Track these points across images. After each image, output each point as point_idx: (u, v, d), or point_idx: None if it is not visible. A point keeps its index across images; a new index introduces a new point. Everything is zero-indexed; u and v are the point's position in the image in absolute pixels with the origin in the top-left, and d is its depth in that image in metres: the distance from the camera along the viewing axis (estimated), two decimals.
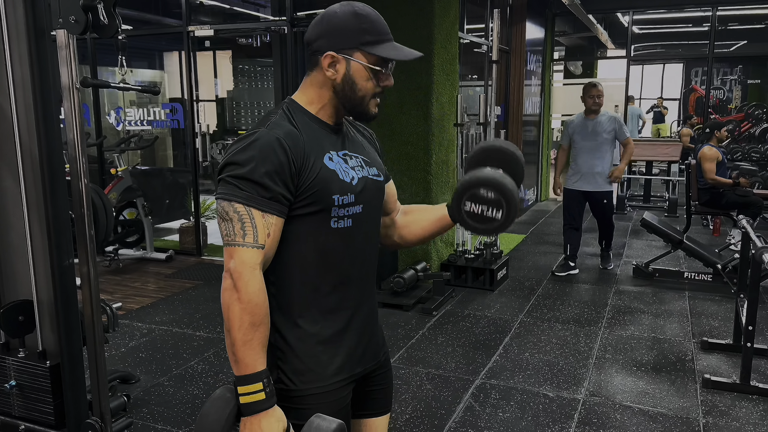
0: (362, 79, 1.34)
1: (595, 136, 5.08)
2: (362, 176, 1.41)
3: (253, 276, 1.25)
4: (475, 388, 3.22)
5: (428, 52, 4.64)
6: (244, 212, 1.25)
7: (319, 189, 1.31)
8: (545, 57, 8.89)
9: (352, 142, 1.47)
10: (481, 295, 4.76)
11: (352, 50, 1.33)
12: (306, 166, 1.30)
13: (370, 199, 1.43)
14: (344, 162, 1.39)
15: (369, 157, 1.49)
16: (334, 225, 1.35)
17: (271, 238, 1.28)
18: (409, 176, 4.83)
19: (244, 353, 1.25)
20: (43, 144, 2.47)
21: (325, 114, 1.40)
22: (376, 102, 1.40)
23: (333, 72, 1.35)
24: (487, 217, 1.41)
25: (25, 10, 2.38)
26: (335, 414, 1.42)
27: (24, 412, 2.74)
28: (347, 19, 1.34)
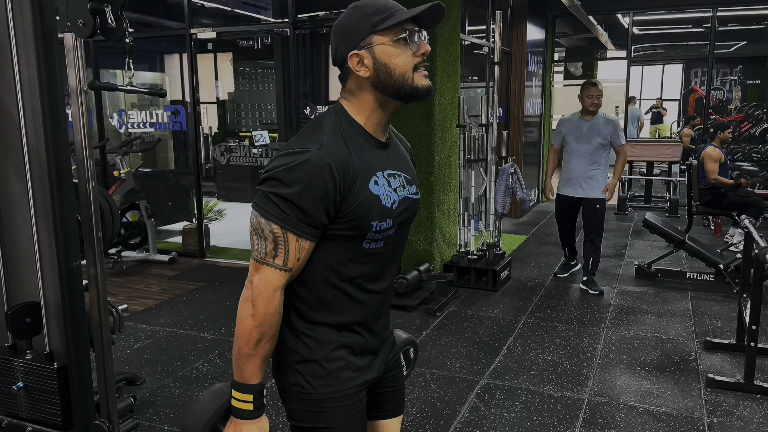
0: (392, 57, 1.28)
1: (590, 138, 4.69)
2: (403, 197, 1.39)
3: (273, 297, 1.26)
4: (480, 388, 3.23)
5: (431, 54, 4.64)
6: (279, 233, 1.23)
7: (360, 215, 1.28)
8: (546, 58, 8.91)
9: (397, 159, 1.43)
10: (484, 295, 4.77)
11: (369, 38, 1.29)
12: (351, 193, 1.26)
13: (405, 219, 1.41)
14: (388, 184, 1.35)
15: (410, 173, 1.46)
16: (366, 246, 1.33)
17: (300, 262, 1.28)
18: None
19: (244, 365, 1.29)
20: (51, 146, 2.48)
21: (373, 125, 1.35)
22: (423, 74, 1.32)
23: (364, 68, 1.30)
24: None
25: (33, 14, 2.39)
26: (352, 418, 1.42)
27: (31, 414, 2.75)
28: (351, 17, 1.31)
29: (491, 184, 4.92)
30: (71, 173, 2.50)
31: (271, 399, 2.77)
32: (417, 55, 1.31)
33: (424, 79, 1.32)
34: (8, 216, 2.69)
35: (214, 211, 6.38)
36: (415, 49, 1.31)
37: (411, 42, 1.30)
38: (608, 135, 4.68)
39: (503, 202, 4.89)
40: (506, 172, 4.86)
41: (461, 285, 4.94)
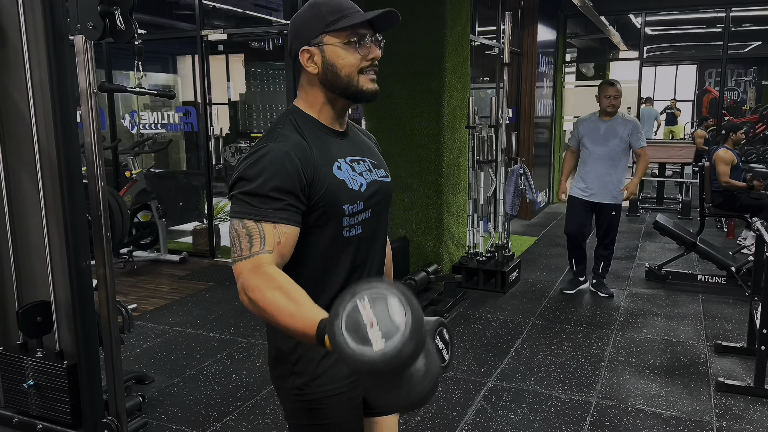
0: (339, 58, 1.32)
1: (608, 140, 4.46)
2: (371, 180, 1.42)
3: (259, 276, 1.19)
4: (486, 390, 3.23)
5: (440, 55, 4.65)
6: (253, 227, 1.23)
7: (330, 201, 1.31)
8: (557, 59, 8.87)
9: (358, 146, 1.47)
10: (493, 297, 4.76)
11: (321, 36, 1.32)
12: (316, 179, 1.30)
13: (378, 202, 1.44)
14: (352, 169, 1.39)
15: (376, 159, 1.50)
16: (346, 234, 1.36)
17: (282, 245, 1.25)
18: (420, 178, 4.84)
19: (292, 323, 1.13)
20: (61, 147, 2.51)
21: (327, 117, 1.39)
22: (369, 78, 1.35)
23: (313, 65, 1.34)
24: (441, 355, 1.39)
25: (44, 16, 2.42)
26: (349, 414, 1.44)
27: (41, 412, 2.78)
28: (307, 13, 1.35)
29: (500, 186, 4.91)
30: (81, 174, 2.53)
31: (273, 398, 2.78)
32: (366, 59, 1.35)
33: (369, 83, 1.36)
34: (20, 216, 2.73)
35: (224, 212, 6.41)
36: (365, 53, 1.34)
37: (361, 46, 1.33)
38: (627, 137, 4.46)
39: (512, 204, 4.88)
40: (515, 174, 4.85)
41: (470, 287, 4.94)
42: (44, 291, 2.71)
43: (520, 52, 7.65)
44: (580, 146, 4.65)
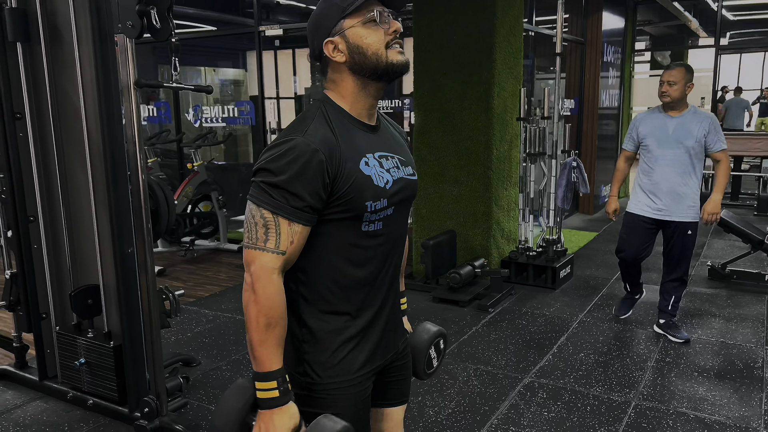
0: (363, 38, 1.32)
1: (680, 141, 3.49)
2: (398, 177, 1.41)
3: (270, 280, 1.27)
4: (522, 386, 3.18)
5: (489, 45, 4.59)
6: (270, 219, 1.26)
7: (354, 196, 1.31)
8: (625, 47, 8.53)
9: (388, 141, 1.46)
10: (542, 293, 4.67)
11: (340, 24, 1.33)
12: (341, 174, 1.29)
13: (402, 200, 1.43)
14: (380, 165, 1.38)
15: (404, 155, 1.49)
16: (365, 228, 1.36)
17: (294, 245, 1.29)
18: (468, 171, 4.80)
19: (260, 352, 1.28)
20: (107, 140, 2.66)
21: (358, 109, 1.38)
22: (397, 51, 1.35)
23: (340, 54, 1.33)
24: (431, 364, 1.69)
25: (91, 17, 2.56)
26: (356, 405, 1.44)
27: (92, 388, 2.98)
28: (320, 7, 1.36)
29: (552, 179, 4.80)
30: (125, 165, 2.67)
31: None
32: (388, 33, 1.34)
33: (398, 55, 1.35)
34: (75, 204, 2.92)
35: None
36: (386, 27, 1.34)
37: (380, 21, 1.33)
38: (702, 136, 3.49)
39: (564, 197, 4.76)
40: (568, 167, 4.73)
41: (519, 282, 4.86)
42: (94, 275, 2.89)
43: (583, 41, 7.41)
44: (641, 150, 3.68)
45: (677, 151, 3.51)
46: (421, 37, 4.84)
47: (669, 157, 3.54)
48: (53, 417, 2.94)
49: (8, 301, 3.14)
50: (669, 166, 3.54)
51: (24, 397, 3.13)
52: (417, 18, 4.85)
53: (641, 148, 3.68)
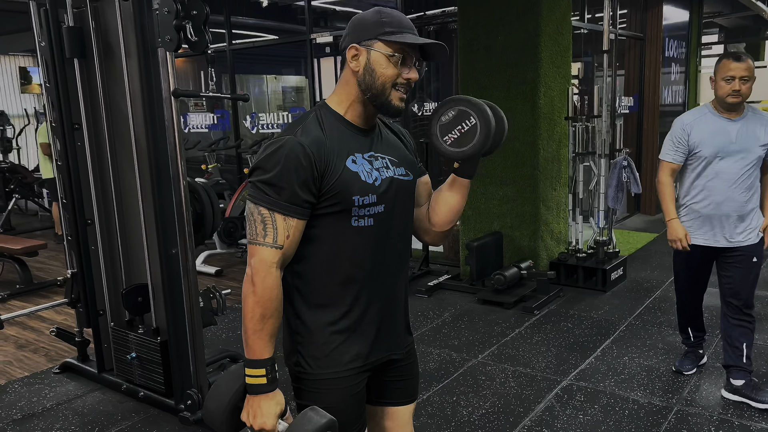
0: (381, 66, 1.38)
1: (746, 149, 2.82)
2: (388, 177, 1.46)
3: (269, 273, 1.35)
4: (560, 388, 3.15)
5: (534, 45, 4.55)
6: (267, 215, 1.35)
7: (341, 190, 1.38)
8: (690, 41, 8.19)
9: (382, 143, 1.51)
10: (591, 295, 4.57)
11: (372, 40, 1.39)
12: (328, 170, 1.37)
13: (394, 199, 1.48)
14: (369, 163, 1.44)
15: (398, 156, 1.53)
16: (354, 224, 1.42)
17: (291, 239, 1.37)
18: (515, 172, 4.76)
19: (253, 341, 1.37)
20: (152, 147, 2.83)
21: (353, 114, 1.45)
22: (400, 95, 1.42)
23: (356, 63, 1.40)
24: (465, 133, 1.45)
25: (136, 33, 2.74)
26: (346, 399, 1.50)
27: (142, 381, 3.16)
28: (369, 15, 1.42)
29: (601, 179, 4.69)
30: (169, 170, 2.82)
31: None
32: (403, 77, 1.41)
33: (399, 100, 1.42)
34: (126, 208, 3.11)
35: None
36: (404, 71, 1.41)
37: (402, 65, 1.40)
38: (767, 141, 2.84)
39: (614, 197, 4.64)
40: (618, 166, 4.61)
41: (568, 284, 4.78)
42: (144, 275, 3.08)
43: (642, 36, 7.19)
44: (691, 162, 2.93)
45: (742, 162, 2.83)
46: (466, 39, 4.85)
47: (733, 171, 2.83)
48: (109, 407, 3.14)
49: (70, 299, 3.38)
50: (733, 182, 2.84)
51: (84, 388, 3.35)
52: (462, 20, 4.87)
53: (691, 160, 2.92)
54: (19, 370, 3.67)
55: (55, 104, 3.12)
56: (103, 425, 2.96)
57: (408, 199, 1.54)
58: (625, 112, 7.17)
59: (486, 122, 1.45)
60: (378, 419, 1.68)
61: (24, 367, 3.73)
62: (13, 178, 7.62)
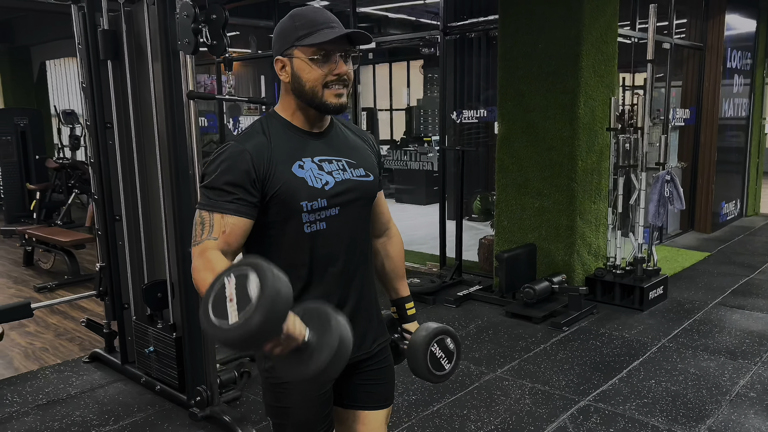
0: (304, 72, 1.39)
1: None
2: (343, 179, 1.46)
3: (201, 258, 1.32)
4: (576, 409, 3.03)
5: (575, 54, 4.42)
6: (206, 217, 1.37)
7: (286, 197, 1.39)
8: (756, 52, 7.79)
9: (336, 147, 1.50)
10: (627, 314, 4.39)
11: (291, 49, 1.39)
12: (270, 175, 1.38)
13: (351, 200, 1.48)
14: (318, 168, 1.44)
15: (357, 158, 1.52)
16: (307, 229, 1.42)
17: (228, 234, 1.36)
18: (551, 183, 4.64)
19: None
20: (172, 147, 2.90)
21: (299, 120, 1.46)
22: (334, 93, 1.40)
23: (285, 74, 1.42)
24: (439, 364, 1.62)
25: (161, 36, 2.82)
26: (312, 399, 1.50)
27: (159, 375, 3.24)
28: (285, 23, 1.42)
29: (642, 193, 4.51)
30: (188, 170, 2.89)
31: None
32: (332, 74, 1.39)
33: (333, 97, 1.41)
34: (151, 205, 3.20)
35: None
36: (330, 68, 1.39)
37: (326, 62, 1.38)
38: None
39: (656, 213, 4.45)
40: (661, 180, 4.42)
41: (604, 301, 4.60)
42: (164, 271, 3.16)
43: (702, 46, 6.88)
44: None
45: None
46: (506, 46, 4.76)
47: None
48: (128, 398, 3.23)
49: (98, 291, 3.50)
50: None
51: (108, 378, 3.47)
52: (502, 26, 4.79)
53: None
54: (53, 357, 3.84)
55: (90, 104, 3.25)
56: (119, 415, 3.05)
57: (366, 200, 1.53)
58: (681, 125, 6.88)
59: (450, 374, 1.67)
60: (349, 423, 1.65)
61: (58, 354, 3.89)
62: (73, 174, 7.99)
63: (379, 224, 1.68)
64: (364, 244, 1.56)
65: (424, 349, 1.60)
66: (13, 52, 11.51)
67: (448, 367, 1.64)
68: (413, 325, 1.72)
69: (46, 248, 5.82)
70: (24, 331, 4.31)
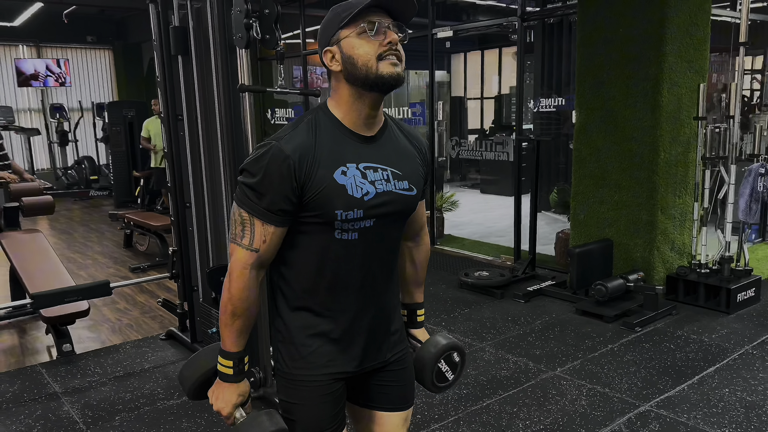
0: (354, 48, 1.34)
1: None
2: (385, 190, 1.41)
3: (241, 275, 1.37)
4: (635, 414, 2.87)
5: (658, 37, 4.14)
6: (246, 218, 1.37)
7: (324, 203, 1.36)
8: None
9: (385, 154, 1.45)
10: (711, 316, 4.09)
11: (337, 34, 1.36)
12: (310, 180, 1.34)
13: (388, 213, 1.43)
14: (362, 176, 1.39)
15: (403, 169, 1.47)
16: (338, 236, 1.39)
17: (267, 244, 1.37)
18: (630, 175, 4.39)
19: (223, 333, 1.42)
20: (230, 138, 3.03)
21: (351, 119, 1.40)
22: (389, 62, 1.35)
23: (336, 63, 1.37)
24: (444, 377, 1.65)
25: (221, 31, 2.94)
26: (320, 398, 1.47)
27: None
28: (327, 18, 1.41)
29: (731, 187, 4.17)
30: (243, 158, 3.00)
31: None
32: (383, 44, 1.34)
33: (389, 67, 1.34)
34: (215, 192, 3.36)
35: (449, 202, 6.66)
36: (380, 39, 1.34)
37: (374, 32, 1.34)
38: None
39: (747, 209, 4.10)
40: (753, 174, 4.07)
41: (687, 302, 4.31)
42: (225, 257, 3.31)
43: None
44: None
45: None
46: (586, 31, 4.55)
47: None
48: None
49: (171, 274, 3.73)
50: None
51: (179, 356, 3.69)
52: (582, 11, 4.57)
53: None
54: (135, 333, 4.13)
55: (163, 97, 3.45)
56: (181, 391, 3.23)
57: (405, 213, 1.49)
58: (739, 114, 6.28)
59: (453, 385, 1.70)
60: (366, 422, 1.64)
61: (141, 330, 4.19)
62: None
63: (411, 230, 1.63)
64: (392, 257, 1.53)
65: (431, 366, 1.63)
66: (126, 49, 12.41)
67: (450, 378, 1.68)
68: (420, 332, 1.72)
69: (141, 231, 6.26)
70: (115, 308, 4.67)
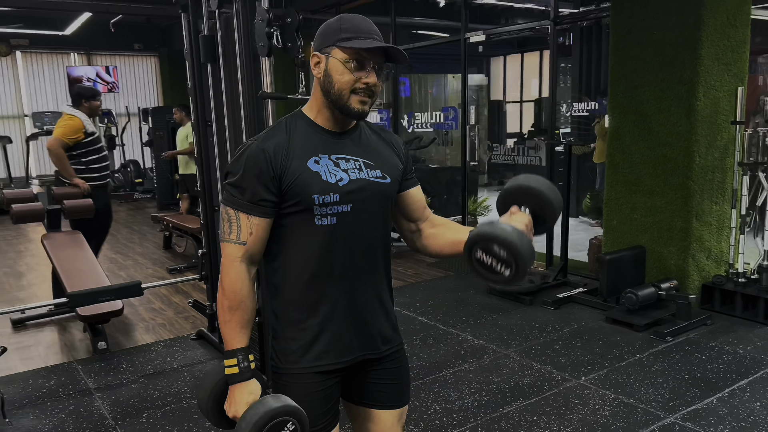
0: (337, 73, 1.43)
1: None
2: (357, 177, 1.49)
3: (232, 267, 1.45)
4: (659, 426, 2.80)
5: (694, 40, 4.04)
6: (233, 213, 1.46)
7: (301, 189, 1.44)
8: None
9: (356, 147, 1.54)
10: (747, 327, 3.95)
11: (330, 48, 1.44)
12: (286, 169, 1.44)
13: (364, 199, 1.50)
14: (334, 164, 1.48)
15: (376, 160, 1.55)
16: (318, 222, 1.46)
17: (254, 236, 1.45)
18: (664, 181, 4.29)
19: (224, 331, 1.47)
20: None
21: (323, 119, 1.51)
22: (360, 99, 1.44)
23: (318, 70, 1.47)
24: (494, 270, 1.41)
25: (245, 40, 3.01)
26: (312, 394, 1.51)
27: None
28: (331, 23, 1.47)
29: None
30: None
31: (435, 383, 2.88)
32: (360, 82, 1.43)
33: (358, 104, 1.45)
34: None
35: (482, 207, 6.62)
36: (361, 76, 1.43)
37: (359, 70, 1.43)
38: None
39: None
40: None
41: (723, 312, 4.19)
42: None
43: None
44: None
45: None
46: (619, 34, 4.47)
47: None
48: None
49: (200, 275, 3.83)
50: None
51: (208, 356, 3.78)
52: (615, 14, 4.50)
53: None
54: (168, 333, 4.25)
55: (194, 103, 3.55)
56: None
57: (380, 201, 1.54)
58: None
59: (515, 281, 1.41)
60: (361, 420, 1.68)
61: (173, 330, 4.31)
62: None
63: (416, 213, 1.68)
64: (378, 246, 1.56)
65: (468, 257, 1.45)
66: (171, 56, 12.77)
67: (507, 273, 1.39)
68: None
69: (179, 234, 6.43)
70: (150, 307, 4.82)
